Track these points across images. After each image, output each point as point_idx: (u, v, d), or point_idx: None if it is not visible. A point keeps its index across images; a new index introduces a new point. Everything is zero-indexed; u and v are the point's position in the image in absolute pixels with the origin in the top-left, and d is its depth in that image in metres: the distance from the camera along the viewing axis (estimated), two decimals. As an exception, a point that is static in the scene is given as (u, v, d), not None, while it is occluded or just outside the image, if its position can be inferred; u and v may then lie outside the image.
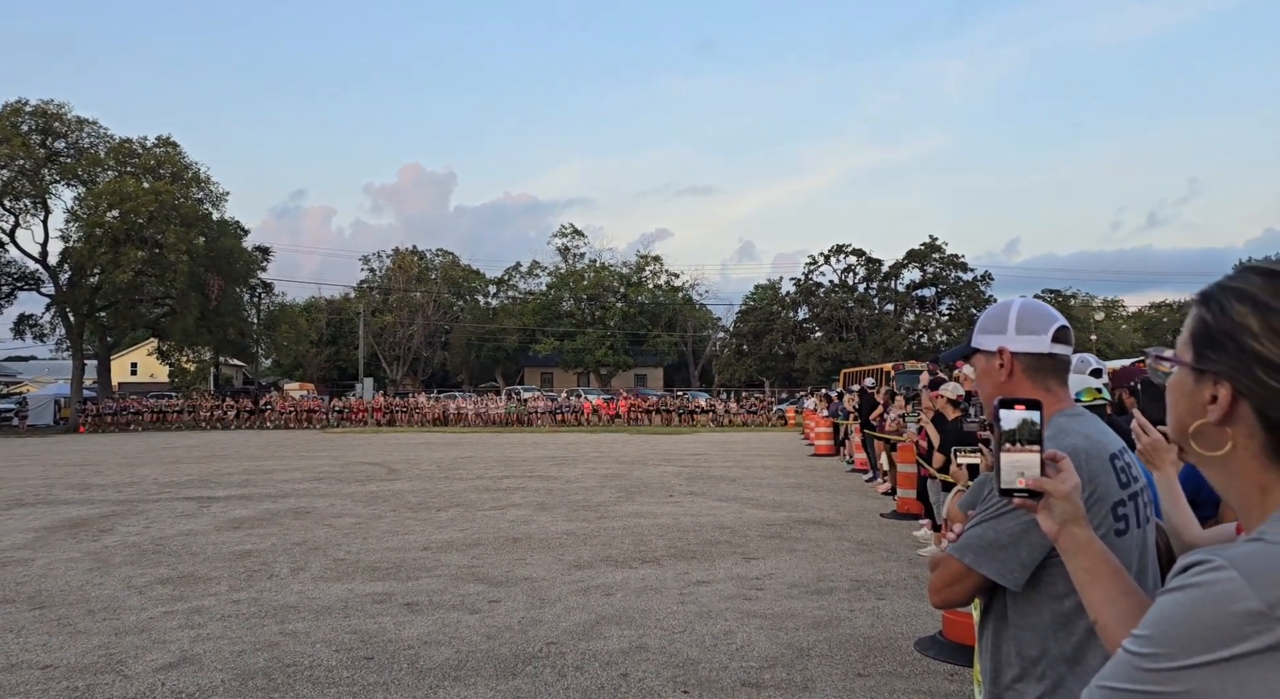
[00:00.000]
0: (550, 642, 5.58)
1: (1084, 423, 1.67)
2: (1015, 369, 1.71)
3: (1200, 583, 0.86)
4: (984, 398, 1.78)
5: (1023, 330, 1.71)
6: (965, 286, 55.42)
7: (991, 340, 1.75)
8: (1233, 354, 0.94)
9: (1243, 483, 0.96)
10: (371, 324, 57.48)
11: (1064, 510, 1.24)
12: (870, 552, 8.50)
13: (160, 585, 7.34)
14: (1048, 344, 1.70)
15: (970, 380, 6.02)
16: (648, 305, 60.17)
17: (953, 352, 1.93)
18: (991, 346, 1.74)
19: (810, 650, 5.34)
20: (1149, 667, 0.86)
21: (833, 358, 51.97)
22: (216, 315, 41.99)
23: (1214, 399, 0.96)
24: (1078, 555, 1.24)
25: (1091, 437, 1.63)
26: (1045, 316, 1.73)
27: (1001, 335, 1.73)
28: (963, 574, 1.60)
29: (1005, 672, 1.60)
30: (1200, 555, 0.88)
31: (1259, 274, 0.97)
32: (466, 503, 12.42)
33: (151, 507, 12.38)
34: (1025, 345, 1.71)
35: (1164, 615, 0.87)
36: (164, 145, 42.95)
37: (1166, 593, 0.89)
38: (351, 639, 5.68)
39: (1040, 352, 1.70)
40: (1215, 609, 0.83)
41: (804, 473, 16.63)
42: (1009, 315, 1.74)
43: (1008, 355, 1.71)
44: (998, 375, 1.72)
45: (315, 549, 8.90)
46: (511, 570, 7.78)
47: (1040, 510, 1.26)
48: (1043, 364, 1.71)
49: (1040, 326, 1.71)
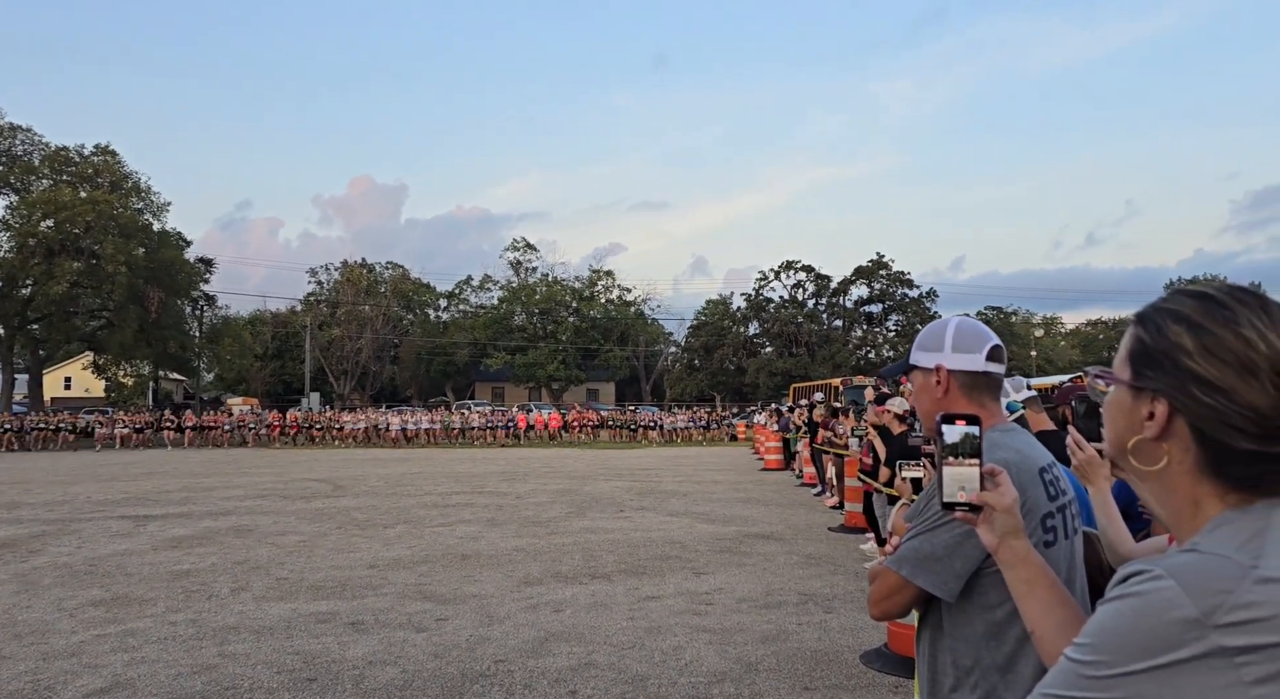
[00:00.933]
0: (498, 660, 5.53)
1: (1015, 438, 1.73)
2: (951, 386, 1.77)
3: (1140, 592, 0.88)
4: (921, 413, 1.84)
5: (959, 349, 1.78)
6: (911, 303, 56.53)
7: (929, 358, 1.80)
8: (1170, 372, 0.98)
9: (1176, 497, 1.00)
10: (318, 338, 56.44)
11: (1004, 523, 1.27)
12: (818, 565, 8.59)
13: (93, 607, 7.10)
14: (982, 363, 1.77)
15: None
16: (600, 320, 60.13)
17: (892, 368, 1.98)
18: (929, 364, 1.80)
19: (758, 665, 5.38)
20: (1090, 674, 0.89)
21: (783, 373, 52.50)
22: (156, 328, 40.86)
23: (1151, 416, 0.99)
24: (1017, 567, 1.27)
25: (1022, 451, 1.69)
26: (980, 336, 1.80)
27: (939, 353, 1.79)
28: (900, 586, 1.64)
29: (942, 682, 1.64)
30: (1139, 566, 0.92)
31: (1191, 296, 1.01)
32: (414, 519, 12.25)
33: (85, 526, 11.96)
34: (961, 363, 1.77)
35: (1105, 624, 0.90)
36: (102, 154, 41.85)
37: (1107, 602, 0.92)
38: (294, 660, 5.56)
39: (975, 370, 1.77)
40: (1154, 617, 0.86)
41: (754, 487, 16.75)
42: (946, 334, 1.80)
43: (944, 373, 1.77)
44: (935, 392, 1.78)
45: (257, 568, 8.69)
46: (460, 588, 7.69)
47: (980, 523, 1.29)
48: (977, 381, 1.77)
49: (975, 345, 1.78)
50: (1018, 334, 68.19)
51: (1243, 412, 0.93)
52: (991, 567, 1.56)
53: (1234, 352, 0.95)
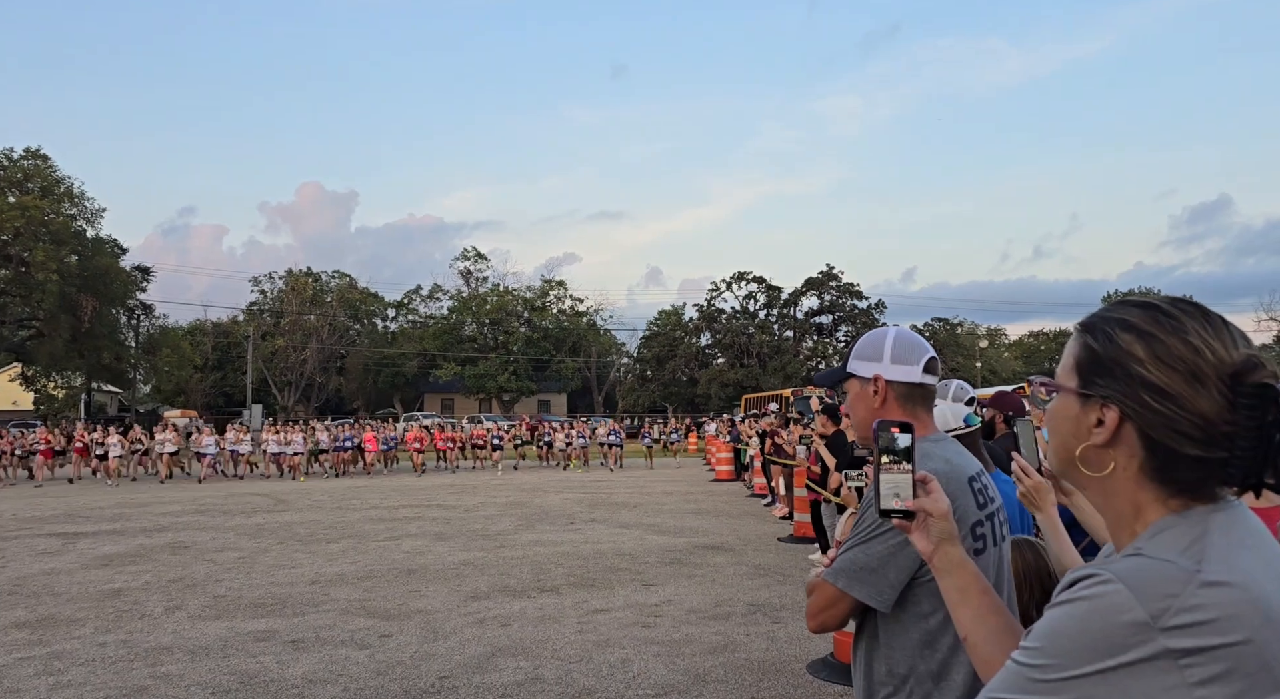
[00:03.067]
0: (443, 676, 5.42)
1: (944, 447, 1.78)
2: (889, 396, 1.80)
3: (1089, 596, 0.90)
4: (857, 421, 1.87)
5: (897, 360, 1.81)
6: (861, 314, 57.38)
7: (867, 367, 1.83)
8: (1120, 379, 0.99)
9: (1119, 501, 1.02)
10: (261, 348, 55.20)
11: (940, 529, 1.28)
12: (767, 576, 8.62)
13: (16, 629, 6.80)
14: (919, 374, 1.81)
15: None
16: (552, 331, 59.84)
17: (827, 374, 1.99)
18: (867, 373, 1.82)
19: (706, 676, 5.36)
20: (1039, 677, 0.90)
21: (734, 383, 52.82)
22: (89, 338, 39.51)
23: (1100, 422, 1.01)
24: (951, 574, 1.28)
25: (951, 460, 1.73)
26: (917, 348, 1.83)
27: (877, 363, 1.82)
28: (837, 598, 1.66)
29: (878, 690, 1.66)
30: (1087, 570, 0.93)
31: (1137, 306, 1.03)
32: (359, 533, 12.00)
33: (9, 544, 11.47)
34: (899, 374, 1.80)
35: (1055, 627, 0.91)
36: (32, 157, 40.42)
37: (1056, 606, 0.93)
38: (230, 680, 5.38)
39: (912, 381, 1.81)
40: (1103, 620, 0.88)
41: (705, 498, 16.78)
42: (885, 345, 1.83)
43: (882, 383, 1.80)
44: (871, 401, 1.81)
45: (193, 586, 8.42)
46: (405, 603, 7.54)
47: (915, 530, 1.29)
48: (913, 392, 1.81)
49: (913, 358, 1.81)
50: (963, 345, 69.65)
51: (1191, 417, 0.96)
52: (925, 576, 1.59)
53: (1183, 359, 0.97)
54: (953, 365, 58.49)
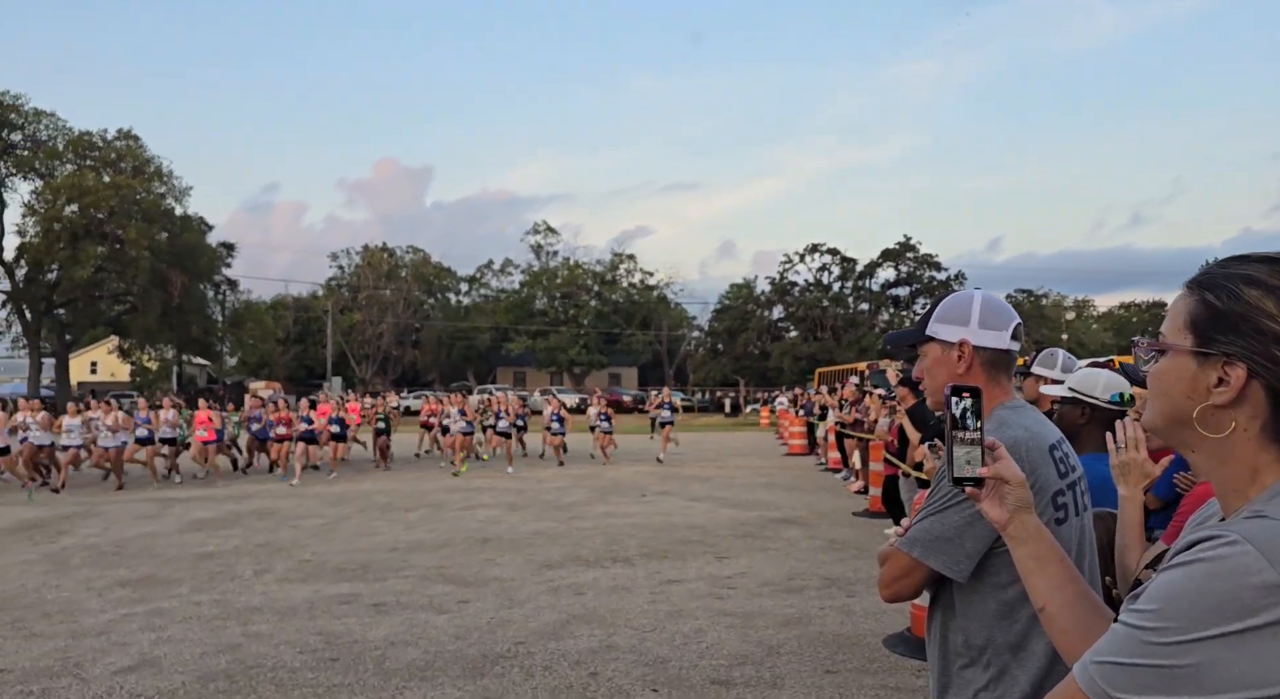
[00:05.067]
0: (519, 641, 5.52)
1: (1023, 415, 1.70)
2: (974, 362, 1.72)
3: (1213, 557, 0.87)
4: (934, 387, 1.78)
5: (986, 325, 1.72)
6: (939, 285, 55.95)
7: (951, 331, 1.74)
8: (1248, 336, 0.96)
9: (1234, 465, 0.99)
10: (340, 322, 56.84)
11: (1017, 498, 1.25)
12: (841, 550, 8.52)
13: (120, 588, 7.18)
14: (1007, 340, 1.73)
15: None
16: (622, 304, 60.05)
17: (902, 335, 1.89)
18: (951, 338, 1.74)
19: (780, 648, 5.33)
20: (1157, 640, 0.87)
21: (807, 357, 52.21)
22: (179, 313, 41.25)
23: (1221, 381, 0.98)
24: (1027, 543, 1.25)
25: (1031, 428, 1.66)
26: (1006, 313, 1.75)
27: (963, 327, 1.73)
28: (911, 567, 1.62)
29: (954, 661, 1.63)
30: (1210, 531, 0.90)
31: (1260, 261, 1.00)
32: (435, 503, 12.30)
33: (110, 508, 12.12)
34: (987, 340, 1.72)
35: (1174, 589, 0.88)
36: (125, 138, 42.15)
37: (1173, 568, 0.90)
38: (316, 640, 5.58)
39: (1000, 347, 1.73)
40: (1230, 582, 0.85)
41: (777, 472, 16.68)
42: (972, 308, 1.74)
43: (969, 348, 1.72)
44: (955, 367, 1.73)
45: (280, 550, 8.75)
46: (481, 570, 7.70)
47: (988, 498, 1.26)
48: (1000, 359, 1.73)
49: (1001, 323, 1.73)
50: (1048, 317, 67.29)
51: None
52: (1003, 546, 1.53)
53: None
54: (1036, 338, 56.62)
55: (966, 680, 1.61)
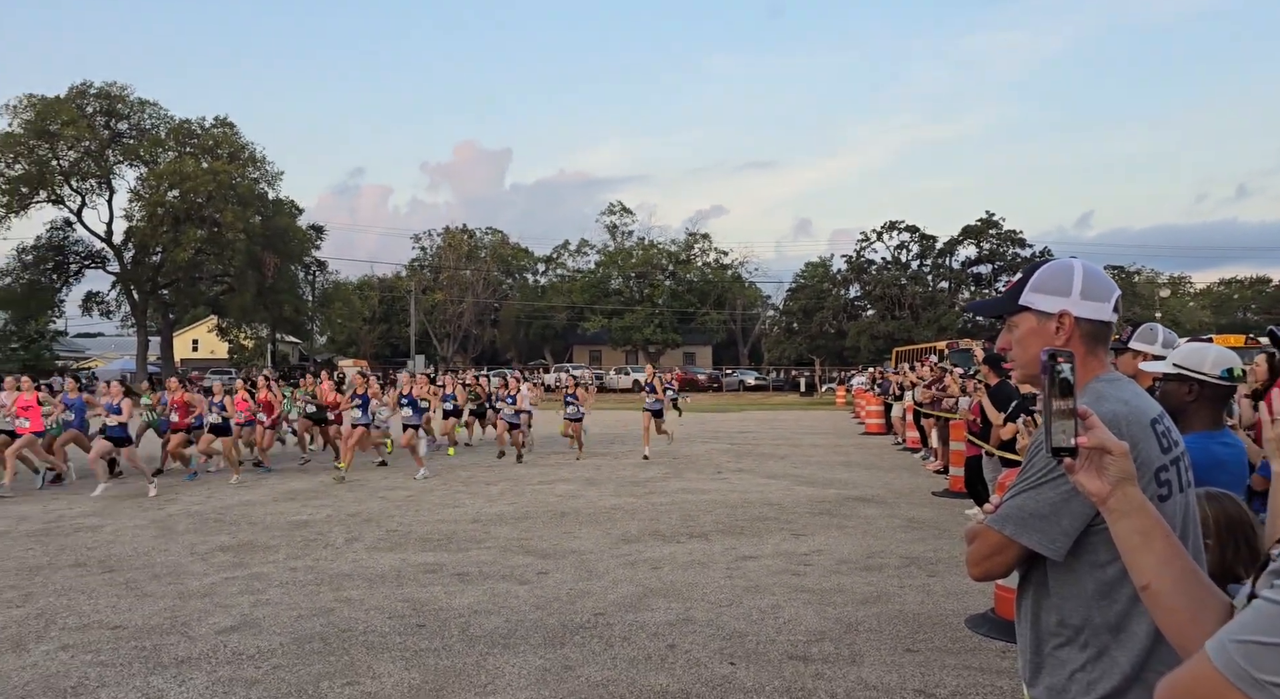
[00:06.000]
0: (598, 612, 5.62)
1: (1121, 388, 1.63)
2: (1075, 335, 1.65)
3: None
4: (1025, 360, 1.71)
5: (1088, 295, 1.65)
6: (1023, 263, 54.09)
7: (1051, 301, 1.67)
8: None
9: None
10: (423, 302, 58.24)
11: (1119, 469, 1.20)
12: (921, 529, 8.39)
13: (221, 552, 7.57)
14: (1109, 313, 1.67)
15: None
16: (696, 283, 59.89)
17: (990, 304, 1.80)
18: (1050, 308, 1.67)
19: (859, 625, 5.30)
20: None
21: (885, 336, 51.22)
22: (273, 293, 42.95)
23: None
24: (1131, 517, 1.20)
25: (1130, 402, 1.59)
26: (1108, 284, 1.68)
27: (1064, 298, 1.66)
28: (1003, 545, 1.58)
29: (1048, 641, 1.59)
30: None
31: None
32: (515, 477, 12.55)
33: (212, 477, 12.76)
34: (1090, 311, 1.65)
35: None
36: (221, 125, 43.87)
37: None
38: (404, 607, 5.79)
39: (1102, 319, 1.66)
40: None
41: (854, 451, 16.47)
42: (1073, 278, 1.67)
43: (1070, 320, 1.65)
44: (1052, 339, 1.66)
45: (369, 520, 9.09)
46: (560, 543, 7.85)
47: (1086, 470, 1.21)
48: (1100, 333, 1.67)
49: (1104, 294, 1.66)
50: (1141, 294, 64.37)
51: None
52: (1102, 523, 1.49)
53: None
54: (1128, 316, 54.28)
55: (1061, 661, 1.57)
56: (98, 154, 41.17)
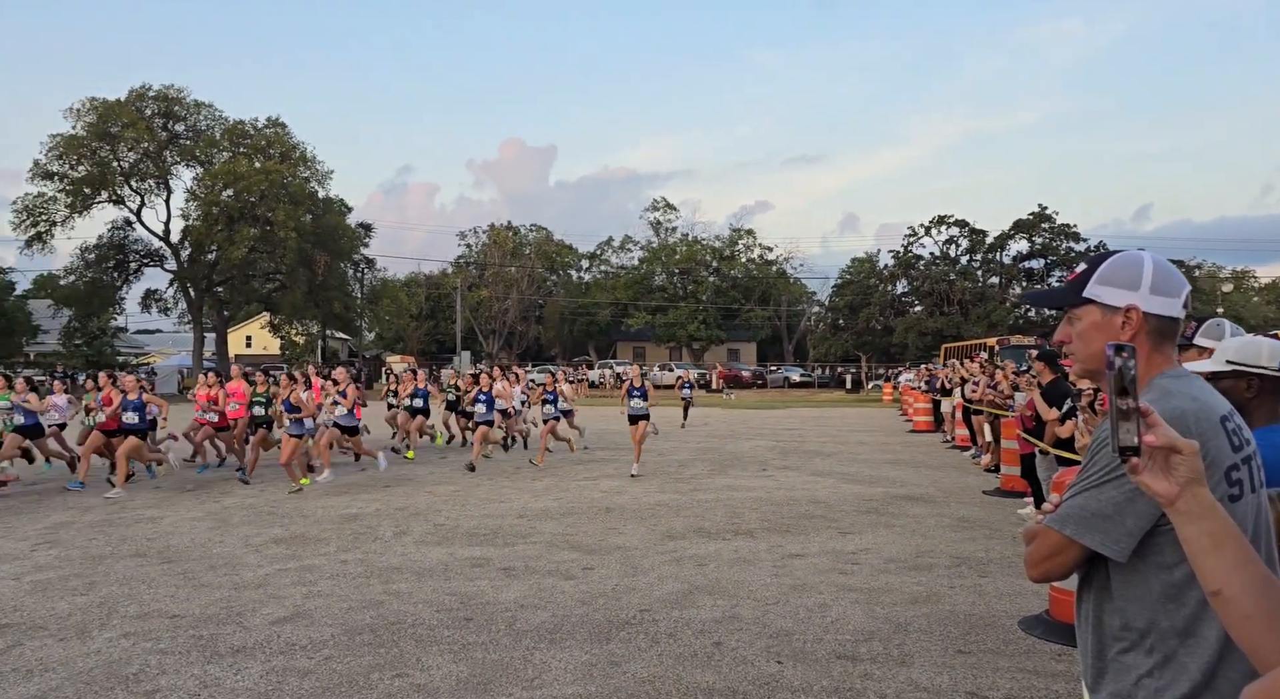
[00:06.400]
0: (643, 609, 5.62)
1: (1189, 384, 1.57)
2: (1142, 331, 1.59)
3: None
4: (1086, 355, 1.65)
5: (1158, 290, 1.59)
6: (1077, 257, 52.84)
7: (1119, 295, 1.61)
8: None
9: None
10: (468, 299, 58.85)
11: (1189, 469, 1.15)
12: (972, 528, 8.24)
13: (275, 544, 7.73)
14: (1178, 309, 1.60)
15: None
16: (740, 279, 59.63)
17: (1050, 293, 1.72)
18: (1117, 302, 1.61)
19: (908, 626, 5.22)
20: None
21: (933, 332, 50.47)
22: (323, 290, 43.76)
23: None
24: (1200, 519, 1.15)
25: (1199, 398, 1.53)
26: (1179, 279, 1.61)
27: (1133, 292, 1.60)
28: (1063, 546, 1.53)
29: (1111, 645, 1.54)
30: None
31: None
32: (560, 473, 12.61)
33: (265, 471, 13.02)
34: (1159, 307, 1.59)
35: None
36: (273, 126, 44.77)
37: None
38: (451, 600, 5.85)
39: (1171, 315, 1.60)
40: None
41: (902, 449, 16.25)
42: (1143, 271, 1.60)
43: (1138, 315, 1.59)
44: (1117, 334, 1.60)
45: (416, 514, 9.20)
46: (605, 539, 7.87)
47: (1151, 471, 1.17)
48: (1168, 329, 1.61)
49: (1175, 289, 1.60)
50: (1202, 289, 62.50)
51: None
52: (1169, 523, 1.43)
53: None
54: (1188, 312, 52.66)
55: (1126, 666, 1.52)
56: (156, 155, 42.30)
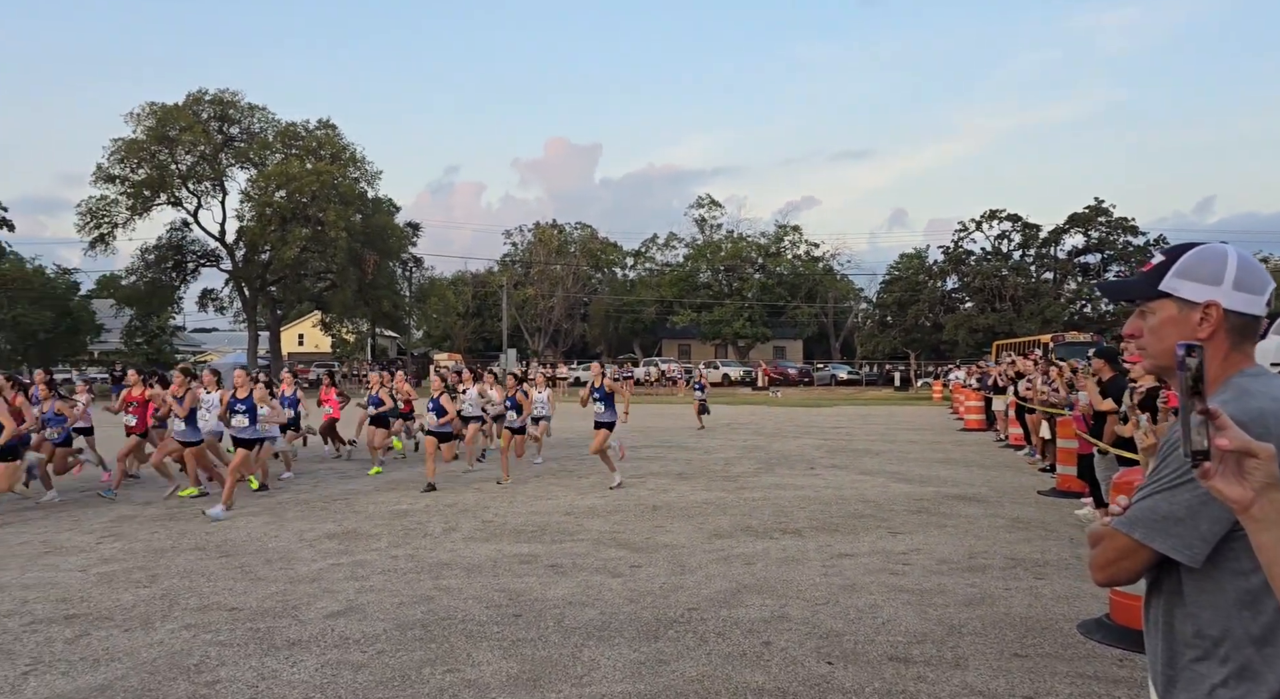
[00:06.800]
0: (691, 608, 5.60)
1: (1269, 383, 1.50)
2: (1221, 328, 1.52)
3: None
4: (1158, 350, 1.58)
5: (1242, 287, 1.52)
6: (1135, 251, 51.46)
7: (1198, 290, 1.54)
8: None
9: None
10: (514, 297, 59.33)
11: (1265, 473, 1.10)
12: (1027, 529, 8.06)
13: (328, 539, 7.87)
14: (1262, 306, 1.54)
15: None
16: (786, 276, 59.18)
17: (1124, 284, 1.66)
18: (1196, 297, 1.54)
19: (962, 628, 5.12)
20: None
21: (984, 329, 49.56)
22: (372, 289, 44.49)
23: None
24: (1277, 526, 1.11)
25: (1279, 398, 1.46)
26: (1263, 275, 1.54)
27: (1214, 287, 1.53)
28: (1132, 550, 1.48)
29: (1183, 653, 1.48)
30: None
31: None
32: (606, 471, 12.62)
33: (318, 467, 13.28)
34: (1241, 304, 1.52)
35: None
36: (324, 128, 45.60)
37: None
38: (500, 597, 5.90)
39: (1254, 313, 1.53)
40: None
41: (953, 448, 15.98)
42: (1227, 266, 1.54)
43: (1218, 312, 1.52)
44: (1194, 330, 1.53)
45: (465, 511, 9.29)
46: (652, 537, 7.86)
47: (1224, 476, 1.12)
48: (1249, 327, 1.54)
49: (1259, 286, 1.53)
50: (1267, 284, 60.42)
51: None
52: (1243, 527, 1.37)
53: None
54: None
55: (1200, 675, 1.46)
56: (212, 157, 43.36)
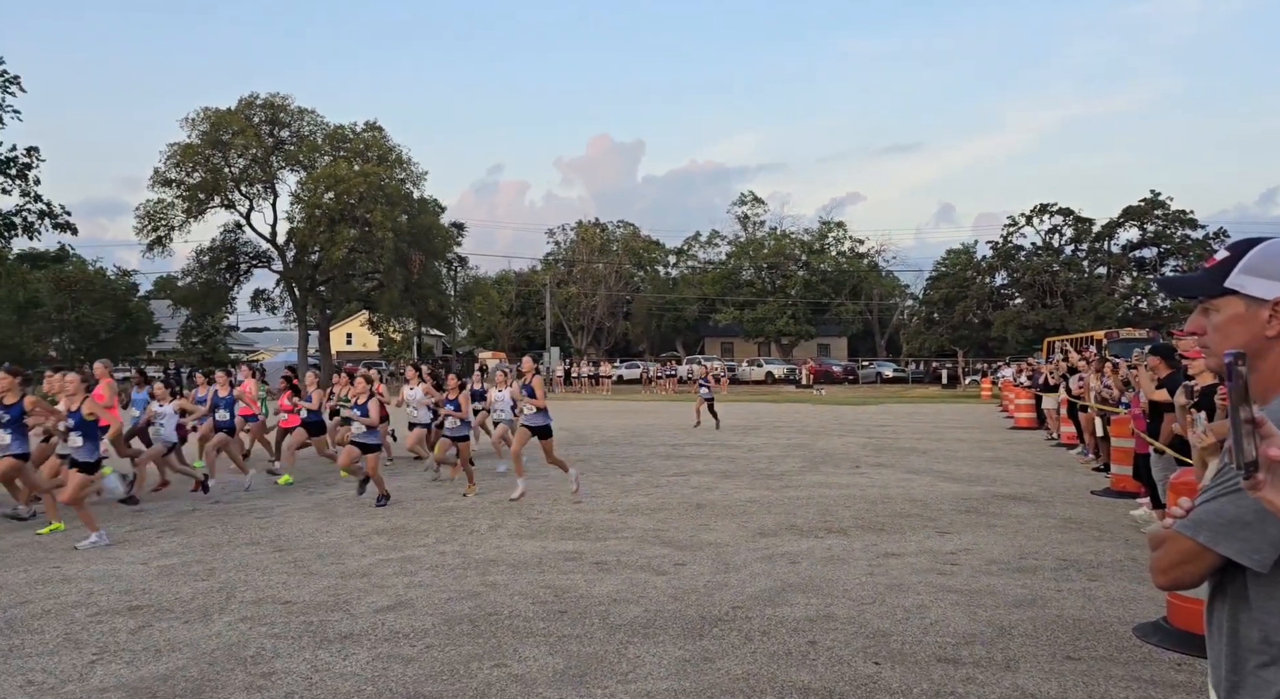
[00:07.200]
0: (736, 606, 5.59)
1: None
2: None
3: None
4: (1221, 349, 1.53)
5: None
6: (1194, 245, 49.98)
7: (1268, 287, 1.48)
8: None
9: None
10: (557, 295, 59.64)
11: None
12: (1080, 530, 7.90)
13: (377, 535, 8.01)
14: None
15: None
16: (830, 273, 58.63)
17: (1187, 280, 1.61)
18: (1264, 294, 1.48)
19: (1013, 629, 5.04)
20: None
21: (1034, 325, 48.56)
22: (418, 288, 45.06)
23: None
24: None
25: None
26: None
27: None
28: (1195, 553, 1.44)
29: (1248, 659, 1.45)
30: None
31: None
32: (651, 468, 12.66)
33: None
34: None
35: None
36: (371, 130, 46.29)
37: None
38: (546, 593, 5.95)
39: None
40: None
41: (1003, 446, 15.70)
42: None
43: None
44: (1262, 329, 1.48)
45: (510, 508, 9.38)
46: (696, 535, 7.86)
47: (1273, 486, 1.10)
48: None
49: None
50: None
51: None
52: None
53: None
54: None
55: (1266, 681, 1.43)
56: (263, 160, 44.28)
